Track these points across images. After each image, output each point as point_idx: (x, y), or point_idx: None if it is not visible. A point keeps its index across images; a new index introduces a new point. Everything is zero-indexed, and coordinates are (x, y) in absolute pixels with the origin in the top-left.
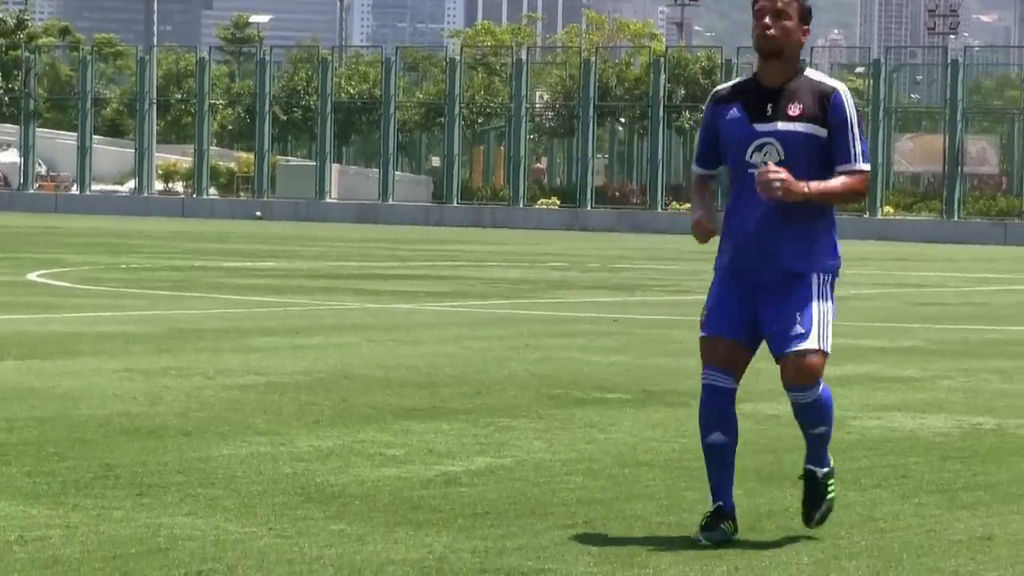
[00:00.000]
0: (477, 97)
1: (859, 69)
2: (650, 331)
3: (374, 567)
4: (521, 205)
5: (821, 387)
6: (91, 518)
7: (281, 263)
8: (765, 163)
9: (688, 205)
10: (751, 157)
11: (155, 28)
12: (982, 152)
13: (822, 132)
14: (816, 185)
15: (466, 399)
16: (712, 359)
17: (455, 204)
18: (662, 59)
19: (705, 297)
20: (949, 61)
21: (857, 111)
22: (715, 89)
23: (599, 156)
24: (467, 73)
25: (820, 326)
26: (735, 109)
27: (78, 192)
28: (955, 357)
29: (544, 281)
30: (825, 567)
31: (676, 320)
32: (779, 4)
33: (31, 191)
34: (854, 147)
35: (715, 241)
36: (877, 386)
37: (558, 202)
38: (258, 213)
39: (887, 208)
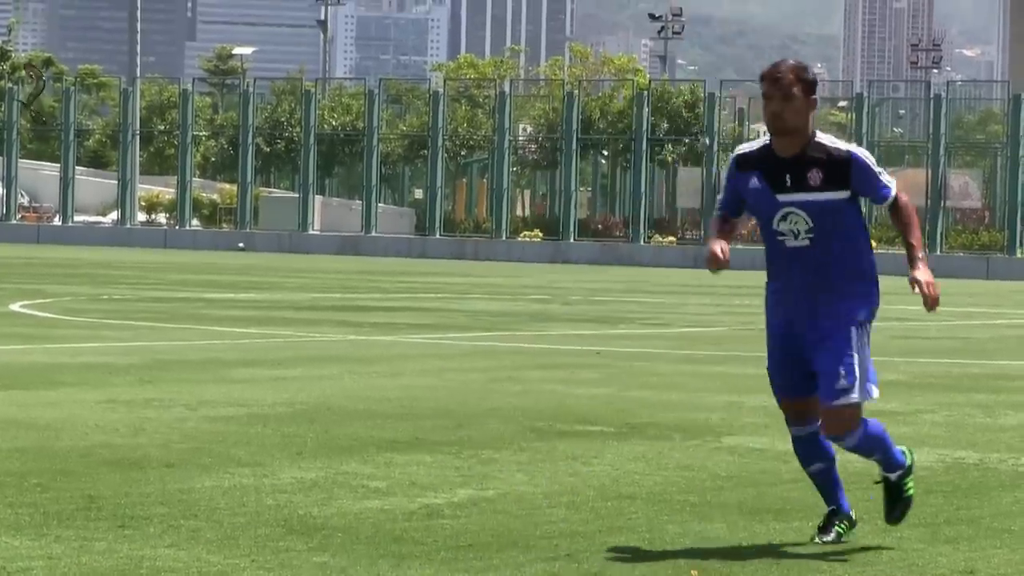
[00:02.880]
0: (460, 129)
1: (842, 103)
2: (632, 364)
3: None
4: (504, 237)
5: (863, 431)
6: (73, 549)
7: (263, 294)
8: (796, 233)
9: (671, 238)
10: (778, 226)
11: (138, 59)
12: (964, 186)
13: (843, 195)
14: (922, 251)
15: (448, 431)
16: (788, 416)
17: (438, 236)
18: (645, 92)
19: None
20: (932, 95)
21: (870, 155)
22: (737, 151)
23: (582, 189)
24: (450, 105)
25: (862, 375)
26: (755, 179)
27: (61, 223)
28: (938, 391)
29: (526, 314)
30: None
31: (658, 353)
32: (784, 88)
33: (13, 222)
34: (881, 182)
35: (705, 278)
36: None
37: (541, 235)
38: (241, 244)
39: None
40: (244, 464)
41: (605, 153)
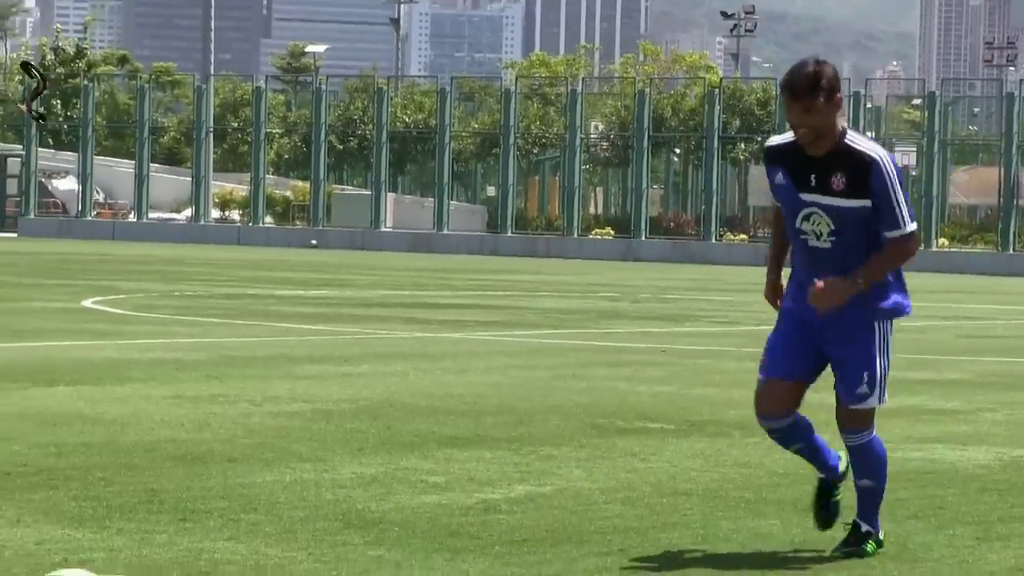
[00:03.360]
0: (532, 127)
1: (916, 101)
2: (697, 361)
3: None
4: (575, 235)
5: (872, 435)
6: (134, 542)
7: (334, 291)
8: (819, 235)
9: (742, 236)
10: (800, 225)
11: (212, 57)
12: None
13: (867, 202)
14: (864, 277)
15: (509, 428)
16: (764, 402)
17: (509, 234)
18: (717, 90)
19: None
20: (1005, 93)
21: (898, 172)
22: (767, 143)
23: (654, 187)
24: (522, 103)
25: (881, 382)
26: (781, 175)
27: (135, 220)
28: (1000, 390)
29: (595, 311)
30: None
31: (724, 351)
32: (803, 99)
33: (89, 218)
34: (900, 212)
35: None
36: (921, 418)
37: (612, 232)
38: (313, 241)
39: (942, 240)
40: (306, 459)
41: (677, 151)
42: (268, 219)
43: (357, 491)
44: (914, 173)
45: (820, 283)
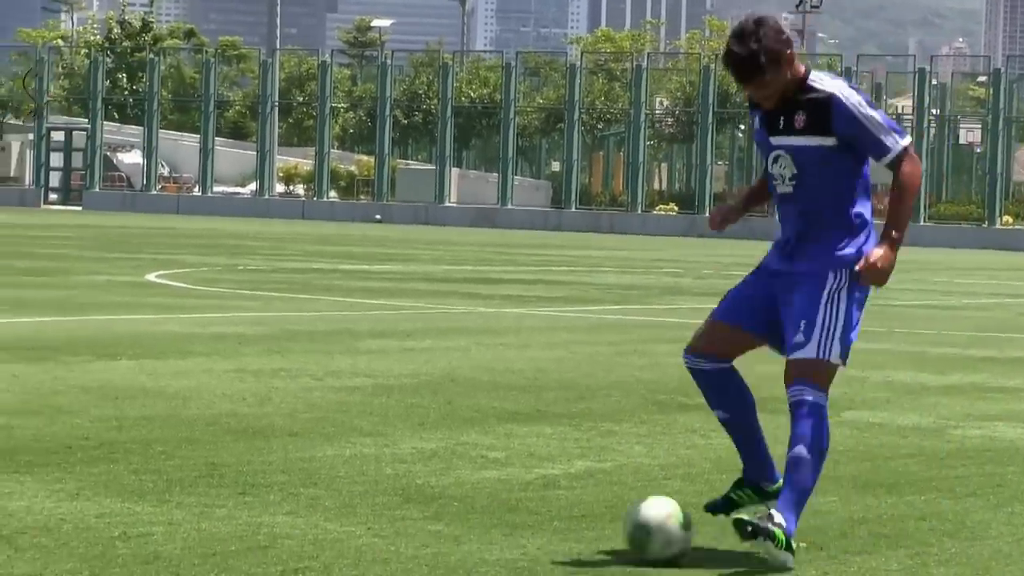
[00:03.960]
0: (597, 103)
1: (981, 78)
2: None
3: (467, 567)
4: (639, 211)
5: (816, 397)
6: (193, 516)
7: (397, 266)
8: (784, 178)
9: None
10: (772, 168)
11: (278, 31)
12: None
13: (828, 141)
14: (896, 229)
15: (570, 403)
16: (700, 337)
17: (573, 209)
18: None
19: None
20: None
21: (866, 98)
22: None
23: (718, 163)
24: (587, 78)
25: (823, 333)
26: (758, 119)
27: (200, 194)
28: None
29: (658, 287)
30: (915, 572)
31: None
32: (752, 79)
33: (153, 192)
34: (883, 133)
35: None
36: (982, 396)
37: (676, 208)
38: (377, 216)
39: (1006, 218)
40: (366, 434)
41: (742, 127)
42: (332, 193)
43: (417, 466)
44: (979, 150)
45: (863, 264)
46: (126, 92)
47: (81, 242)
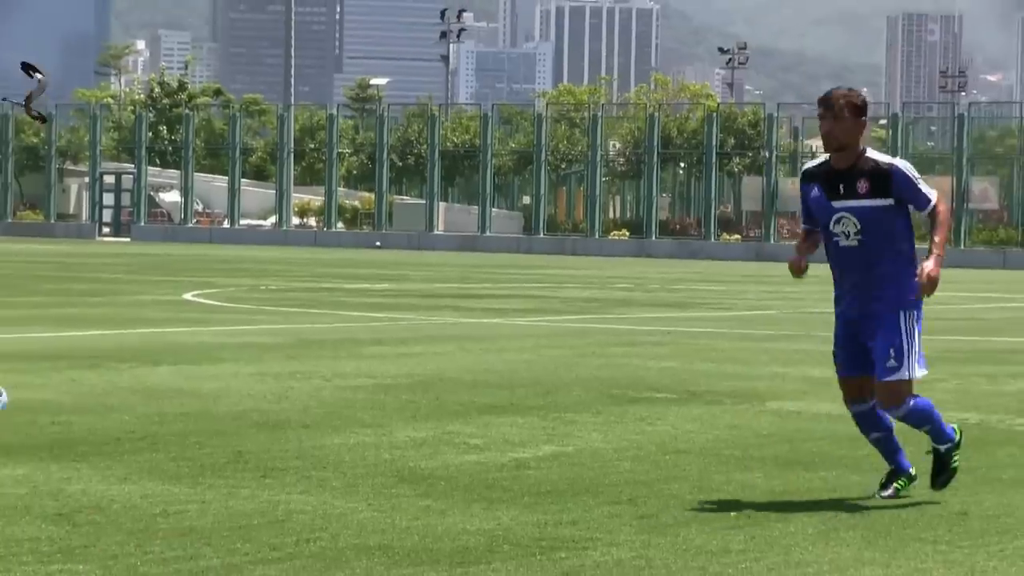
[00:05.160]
0: (560, 146)
1: (882, 121)
2: (697, 341)
3: (452, 535)
4: (597, 236)
5: (910, 404)
6: (222, 495)
7: (394, 285)
8: (848, 234)
9: (736, 236)
10: (833, 228)
11: (293, 89)
12: (984, 191)
13: (887, 201)
14: (939, 250)
15: (539, 397)
16: (847, 394)
17: (542, 235)
18: (715, 114)
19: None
20: (957, 115)
21: (913, 170)
22: (803, 168)
23: (663, 195)
24: (552, 126)
25: (909, 356)
26: (816, 189)
27: (229, 226)
28: (952, 363)
29: (612, 300)
30: (826, 536)
31: (721, 332)
32: (835, 111)
33: (190, 225)
34: (924, 191)
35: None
36: None
37: (628, 233)
38: (377, 243)
39: None
40: (367, 425)
41: (682, 165)
42: (340, 224)
43: (410, 452)
44: None
45: (921, 278)
46: (166, 141)
47: (129, 267)
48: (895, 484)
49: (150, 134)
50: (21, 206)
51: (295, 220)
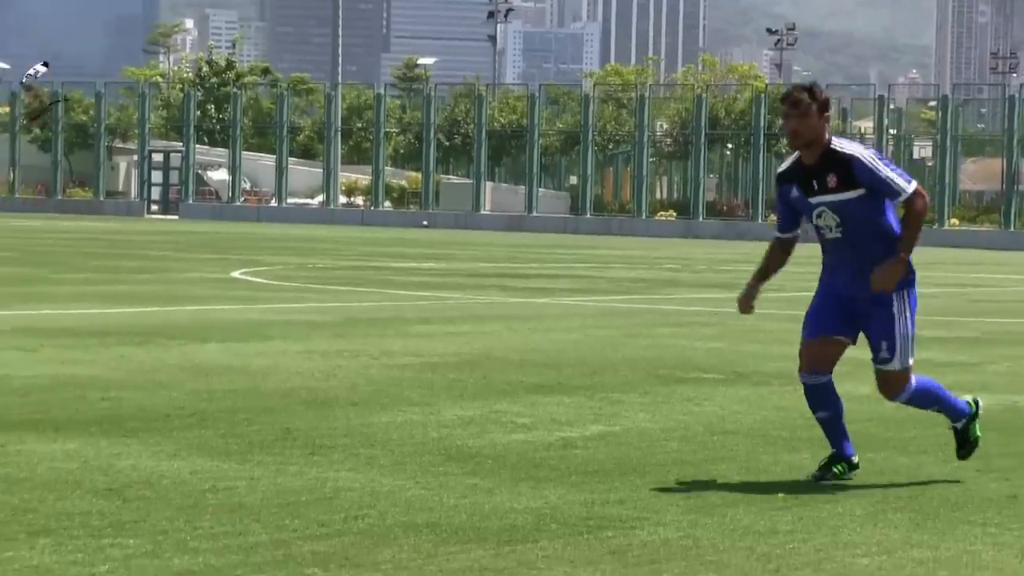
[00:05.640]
0: (608, 126)
1: (932, 103)
2: (745, 322)
3: (500, 513)
4: (643, 217)
5: (910, 390)
6: (271, 472)
7: (441, 264)
8: (830, 227)
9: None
10: (816, 222)
11: (340, 68)
12: None
13: (859, 192)
14: (904, 251)
15: (585, 377)
16: (805, 361)
17: (588, 216)
18: (763, 95)
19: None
20: (1007, 96)
21: (880, 156)
22: (778, 171)
23: (710, 176)
24: (599, 106)
25: (902, 345)
26: (794, 189)
27: (276, 204)
28: (1002, 346)
29: (659, 280)
30: (874, 517)
31: (768, 313)
32: (801, 108)
33: (238, 204)
34: (895, 182)
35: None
36: (934, 370)
37: (675, 214)
38: (424, 222)
39: (953, 220)
40: (415, 404)
41: (729, 146)
42: (387, 204)
43: (457, 430)
44: (930, 164)
45: (874, 277)
46: (214, 120)
47: (177, 245)
48: (834, 469)
49: (198, 113)
50: (71, 184)
51: (342, 199)
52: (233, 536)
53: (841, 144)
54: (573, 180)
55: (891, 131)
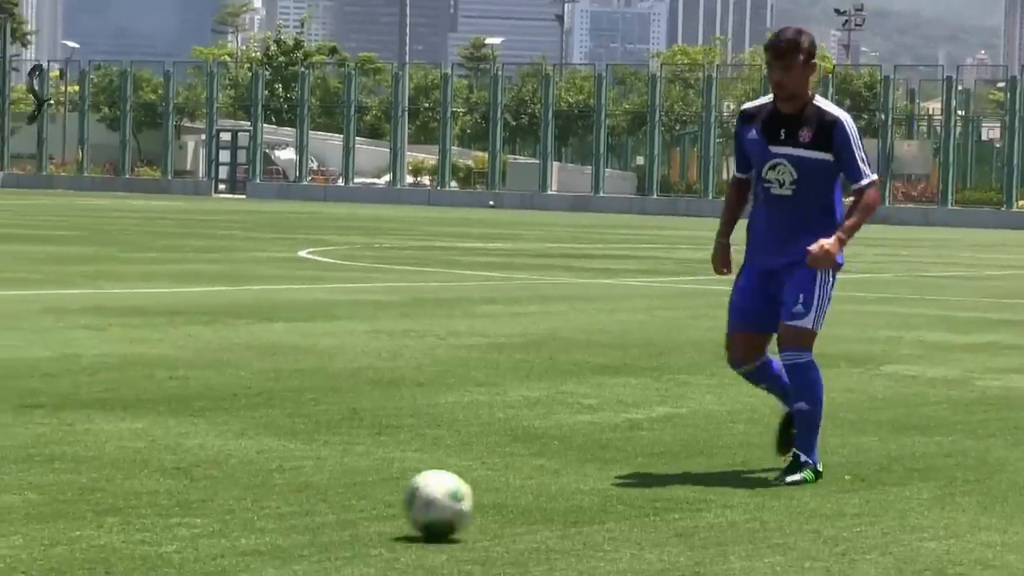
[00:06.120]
0: (675, 106)
1: (1000, 84)
2: None
3: (566, 495)
4: (710, 197)
5: (809, 358)
6: (337, 452)
7: (507, 244)
8: (782, 183)
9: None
10: (766, 174)
11: (407, 48)
12: None
13: (827, 156)
14: (846, 234)
15: (652, 358)
16: (735, 352)
17: (655, 196)
18: (831, 76)
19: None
20: None
21: (859, 133)
22: (742, 107)
23: None
24: (666, 86)
25: (818, 307)
26: (754, 132)
27: (343, 184)
28: None
29: None
30: (942, 501)
31: (835, 294)
32: (786, 58)
33: (305, 183)
34: (861, 165)
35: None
36: (1001, 352)
37: None
38: (491, 202)
39: (1021, 202)
40: (481, 384)
41: None
42: (453, 184)
43: (523, 411)
44: (998, 145)
45: (814, 248)
46: (281, 99)
47: (244, 225)
48: (794, 428)
49: (266, 92)
50: (139, 163)
51: (409, 179)
52: (300, 516)
53: (824, 103)
54: (640, 160)
55: (959, 112)
